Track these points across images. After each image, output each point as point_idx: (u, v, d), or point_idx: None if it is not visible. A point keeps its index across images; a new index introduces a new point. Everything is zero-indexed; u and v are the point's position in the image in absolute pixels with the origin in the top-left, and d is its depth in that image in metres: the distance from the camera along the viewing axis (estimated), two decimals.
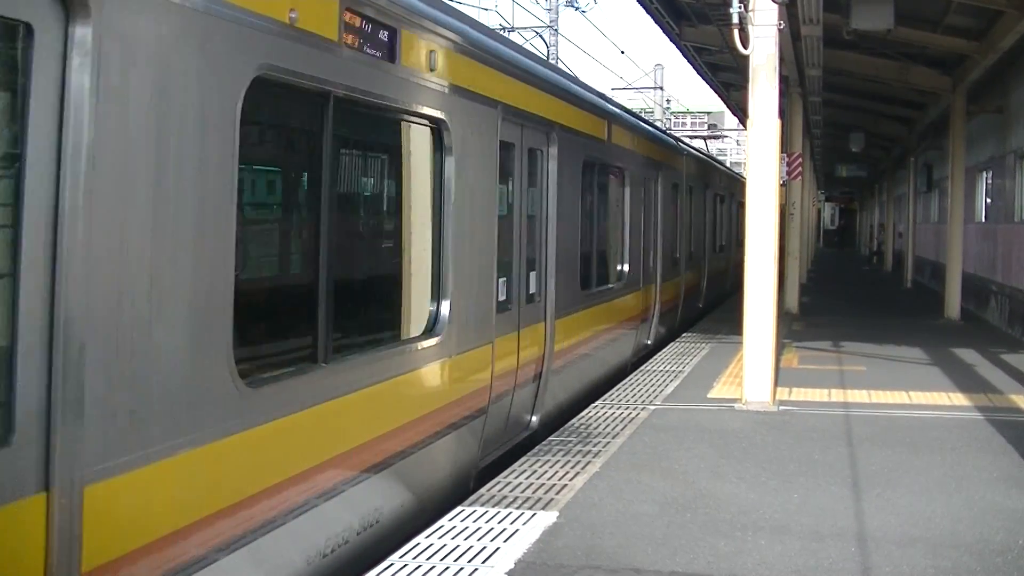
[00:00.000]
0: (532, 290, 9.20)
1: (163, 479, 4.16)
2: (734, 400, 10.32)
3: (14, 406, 3.49)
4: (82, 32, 3.64)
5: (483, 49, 7.94)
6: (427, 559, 5.53)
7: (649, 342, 14.98)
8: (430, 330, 6.99)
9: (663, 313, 15.74)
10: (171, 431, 4.21)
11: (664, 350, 14.44)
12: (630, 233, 13.53)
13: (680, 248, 17.66)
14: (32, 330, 3.56)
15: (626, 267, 13.32)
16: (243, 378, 4.69)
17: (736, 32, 10.30)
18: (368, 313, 6.67)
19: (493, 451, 8.26)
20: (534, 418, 9.33)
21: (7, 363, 3.50)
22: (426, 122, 6.96)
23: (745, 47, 10.23)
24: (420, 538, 5.91)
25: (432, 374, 6.90)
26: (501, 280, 8.26)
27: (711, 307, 21.45)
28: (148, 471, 4.05)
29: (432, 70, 6.79)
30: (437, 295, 7.08)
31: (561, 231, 9.84)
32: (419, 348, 6.75)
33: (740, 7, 10.09)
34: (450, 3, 7.82)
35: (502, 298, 8.29)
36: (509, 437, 8.72)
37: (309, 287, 5.58)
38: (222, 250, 4.57)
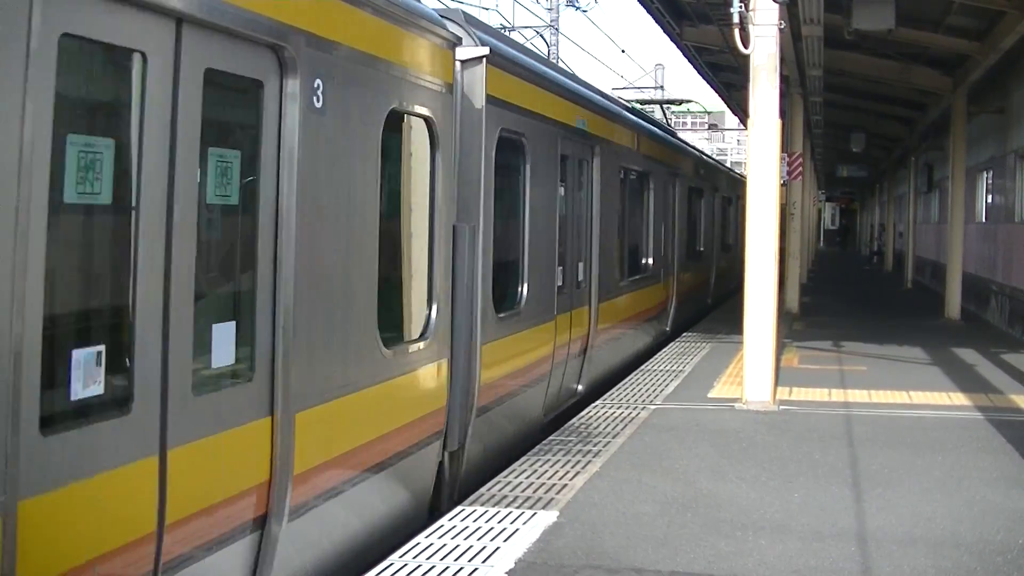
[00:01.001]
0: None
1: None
2: (735, 400, 10.32)
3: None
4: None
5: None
6: (427, 558, 5.53)
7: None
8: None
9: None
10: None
11: (664, 349, 14.46)
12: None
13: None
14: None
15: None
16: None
17: (737, 32, 10.30)
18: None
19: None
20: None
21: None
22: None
23: (746, 47, 10.22)
24: (420, 537, 5.91)
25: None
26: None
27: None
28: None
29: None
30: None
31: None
32: None
33: (741, 7, 10.09)
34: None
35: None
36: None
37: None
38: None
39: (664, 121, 19.51)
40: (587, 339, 11.07)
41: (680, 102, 21.85)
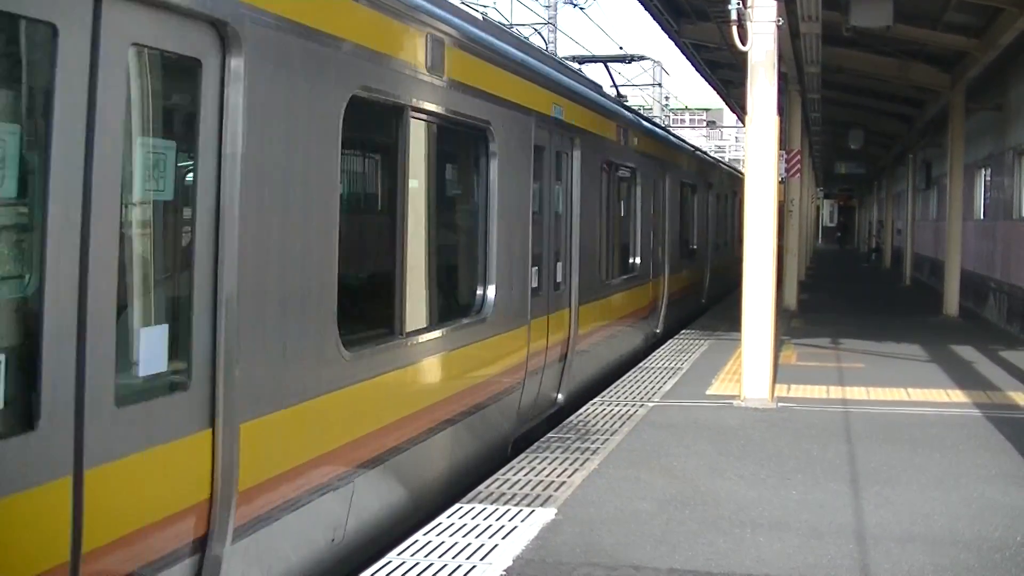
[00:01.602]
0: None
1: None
2: (733, 397, 10.31)
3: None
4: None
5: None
6: (425, 556, 5.53)
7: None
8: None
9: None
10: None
11: (663, 347, 14.45)
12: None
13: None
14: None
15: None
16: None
17: (735, 29, 10.29)
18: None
19: None
20: None
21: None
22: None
23: (744, 44, 10.21)
24: (418, 535, 5.90)
25: None
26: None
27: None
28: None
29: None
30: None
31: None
32: None
33: (739, 4, 10.08)
34: None
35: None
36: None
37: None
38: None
39: (613, 86, 18.77)
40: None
41: (631, 59, 21.13)
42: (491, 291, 8.13)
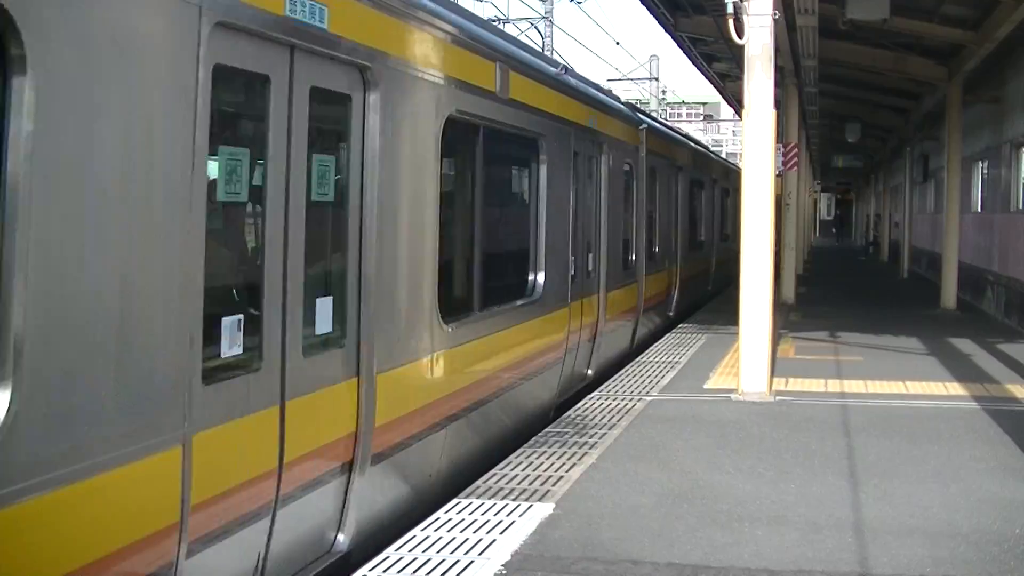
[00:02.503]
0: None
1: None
2: (731, 391, 10.31)
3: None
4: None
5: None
6: (423, 551, 5.52)
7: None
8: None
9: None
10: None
11: (660, 341, 14.46)
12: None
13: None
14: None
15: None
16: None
17: (731, 22, 10.27)
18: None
19: None
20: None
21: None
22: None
23: (740, 37, 10.20)
24: (416, 530, 5.90)
25: None
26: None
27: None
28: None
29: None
30: None
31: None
32: None
33: None
34: None
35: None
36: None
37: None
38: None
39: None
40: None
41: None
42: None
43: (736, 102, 30.85)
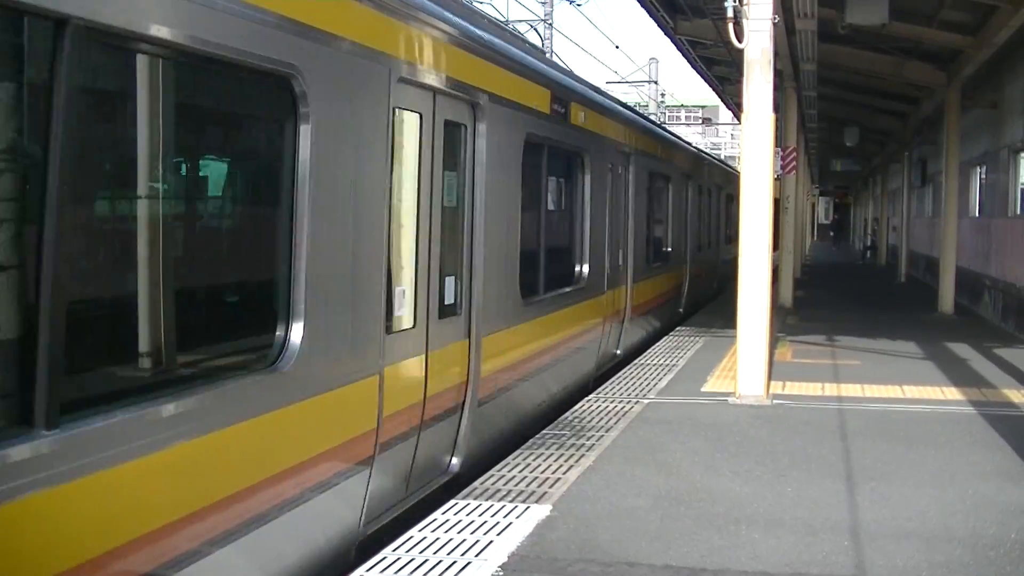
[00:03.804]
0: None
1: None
2: (728, 394, 10.32)
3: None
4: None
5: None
6: (420, 552, 5.53)
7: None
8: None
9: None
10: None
11: (658, 343, 14.48)
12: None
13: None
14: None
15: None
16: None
17: (731, 26, 10.29)
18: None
19: None
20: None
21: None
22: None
23: (740, 41, 10.21)
24: (413, 531, 5.90)
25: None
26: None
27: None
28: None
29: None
30: None
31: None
32: None
33: (735, 1, 10.08)
34: None
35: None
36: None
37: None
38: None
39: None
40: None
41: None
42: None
43: (735, 105, 30.87)
